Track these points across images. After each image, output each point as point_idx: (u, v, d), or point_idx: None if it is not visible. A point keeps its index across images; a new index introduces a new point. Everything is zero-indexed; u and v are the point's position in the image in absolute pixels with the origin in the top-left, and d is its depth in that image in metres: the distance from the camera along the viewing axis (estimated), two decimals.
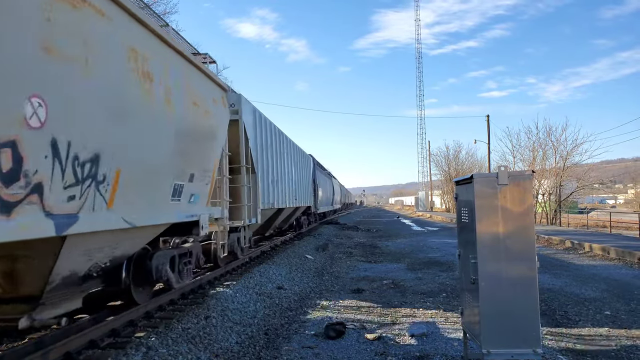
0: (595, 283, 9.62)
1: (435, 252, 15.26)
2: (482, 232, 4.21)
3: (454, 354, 5.29)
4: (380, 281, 10.19)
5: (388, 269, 12.07)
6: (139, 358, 4.67)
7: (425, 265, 12.36)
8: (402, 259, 13.97)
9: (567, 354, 5.38)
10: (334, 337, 6.08)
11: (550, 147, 32.66)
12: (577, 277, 10.39)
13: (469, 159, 57.12)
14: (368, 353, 5.52)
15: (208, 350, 5.37)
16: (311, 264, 12.57)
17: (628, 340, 5.88)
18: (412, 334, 6.09)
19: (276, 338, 6.24)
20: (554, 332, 6.26)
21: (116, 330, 5.42)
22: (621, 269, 11.61)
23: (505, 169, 4.22)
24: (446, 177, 58.07)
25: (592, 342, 5.86)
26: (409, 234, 24.50)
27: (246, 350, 5.68)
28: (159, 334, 5.41)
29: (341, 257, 14.54)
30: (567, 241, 16.95)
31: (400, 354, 5.38)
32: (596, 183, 41.45)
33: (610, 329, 6.38)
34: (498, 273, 4.17)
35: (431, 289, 9.20)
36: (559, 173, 31.39)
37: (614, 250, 13.84)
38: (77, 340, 4.80)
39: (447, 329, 6.35)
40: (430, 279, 10.37)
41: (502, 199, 4.20)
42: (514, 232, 4.18)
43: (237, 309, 7.08)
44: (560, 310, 7.38)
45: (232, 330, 6.20)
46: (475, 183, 4.26)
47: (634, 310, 7.35)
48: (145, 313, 6.25)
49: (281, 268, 10.91)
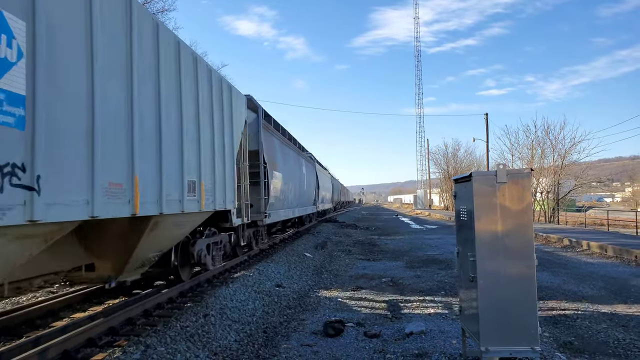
0: (593, 281, 9.65)
1: (433, 250, 15.28)
2: (481, 230, 4.22)
3: (453, 352, 5.30)
4: (379, 279, 10.20)
5: (387, 266, 12.09)
6: (138, 357, 4.67)
7: (424, 263, 12.38)
8: (400, 256, 13.98)
9: (565, 351, 5.40)
10: (333, 334, 6.09)
11: (549, 145, 32.77)
12: (575, 274, 10.42)
13: (467, 157, 57.29)
14: (367, 351, 5.52)
15: (207, 349, 5.37)
16: (310, 262, 12.58)
17: (625, 337, 5.89)
18: (411, 332, 6.10)
19: (275, 336, 6.25)
20: (552, 329, 6.28)
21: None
22: (619, 266, 11.65)
23: (503, 167, 4.22)
24: (445, 175, 58.19)
25: (589, 339, 5.88)
26: (407, 231, 24.53)
27: (245, 349, 5.68)
28: (157, 332, 5.41)
29: (340, 255, 14.55)
30: (565, 239, 16.99)
31: (399, 352, 5.39)
32: (594, 181, 41.51)
33: (608, 326, 6.40)
34: (497, 271, 4.18)
35: (430, 287, 9.21)
36: (557, 171, 31.46)
37: (611, 248, 13.88)
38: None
39: (446, 327, 6.36)
40: (428, 276, 10.39)
41: (501, 197, 4.21)
42: (513, 230, 4.19)
43: (235, 307, 7.08)
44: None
45: (230, 329, 6.21)
46: (474, 181, 4.27)
47: (631, 308, 7.37)
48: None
49: (280, 266, 10.91)
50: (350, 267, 12.24)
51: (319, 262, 12.94)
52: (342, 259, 13.69)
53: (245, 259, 11.64)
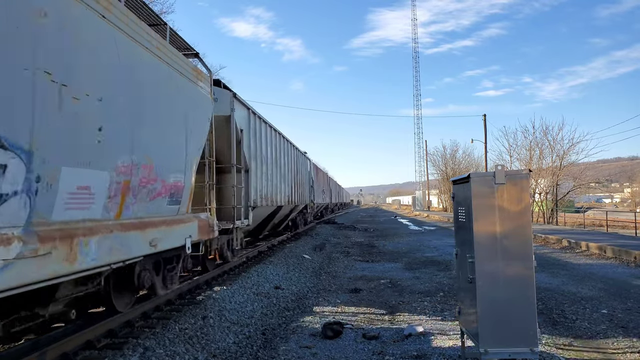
0: (592, 282, 9.64)
1: (432, 252, 15.27)
2: (480, 232, 4.21)
3: (452, 353, 5.29)
4: (377, 280, 10.19)
5: (385, 268, 12.07)
6: (136, 359, 4.65)
7: (423, 265, 12.37)
8: (399, 258, 13.97)
9: (565, 352, 5.39)
10: (332, 336, 6.07)
11: (547, 146, 32.79)
12: (574, 276, 10.42)
13: (465, 158, 57.31)
14: (366, 352, 5.51)
15: (205, 351, 5.35)
16: (308, 264, 12.56)
17: (625, 338, 5.89)
18: (410, 334, 6.08)
19: (274, 338, 6.23)
20: (551, 330, 6.27)
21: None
22: (618, 267, 11.65)
23: (502, 168, 4.22)
24: (443, 176, 58.20)
25: (589, 340, 5.87)
26: (406, 233, 24.52)
27: (244, 351, 5.67)
28: (156, 335, 5.39)
29: (338, 257, 14.54)
30: (563, 240, 16.99)
31: (397, 354, 5.38)
32: (592, 182, 41.61)
33: (607, 327, 6.40)
34: (495, 272, 4.17)
35: (428, 289, 9.21)
36: (556, 172, 31.48)
37: (610, 249, 13.88)
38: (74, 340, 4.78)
39: (445, 328, 6.36)
40: (427, 278, 10.38)
41: (499, 198, 4.20)
42: (511, 231, 4.18)
43: (234, 309, 7.06)
44: (557, 309, 7.39)
45: (229, 330, 6.19)
46: (472, 182, 4.26)
47: (630, 309, 7.37)
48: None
49: (278, 268, 10.90)
50: (349, 268, 12.22)
51: (318, 264, 12.92)
52: (341, 261, 13.68)
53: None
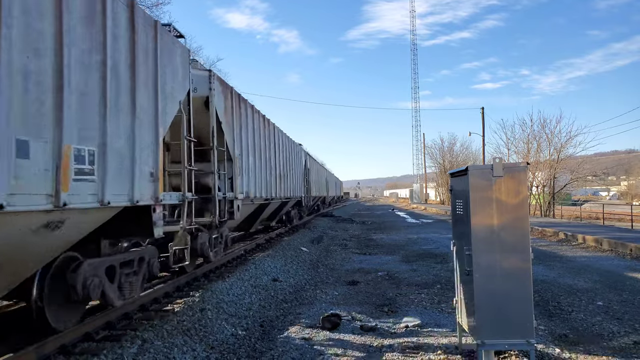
0: (588, 274, 9.70)
1: (429, 244, 15.32)
2: (477, 224, 4.22)
3: (449, 345, 5.32)
4: (375, 273, 10.22)
5: (383, 260, 12.11)
6: (135, 350, 4.67)
7: (420, 257, 12.41)
8: (396, 251, 14.01)
9: (560, 343, 5.43)
10: (330, 328, 6.10)
11: (545, 139, 32.85)
12: (570, 268, 10.48)
13: (463, 151, 57.43)
14: (363, 344, 5.54)
15: (204, 342, 5.37)
16: (306, 256, 12.59)
17: (620, 330, 5.93)
18: (407, 325, 6.12)
19: (272, 330, 6.26)
20: (547, 322, 6.31)
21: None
22: (613, 260, 11.72)
23: (499, 161, 4.22)
24: (441, 169, 58.32)
25: (584, 332, 5.92)
26: (403, 226, 24.58)
27: (242, 342, 5.69)
28: (154, 327, 5.40)
29: (336, 250, 14.57)
30: (560, 233, 17.07)
31: (395, 345, 5.41)
32: (590, 175, 41.74)
33: (603, 319, 6.45)
34: (492, 264, 4.19)
35: (426, 281, 9.24)
36: (553, 165, 31.57)
37: (606, 241, 13.96)
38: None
39: (442, 320, 6.39)
40: (424, 270, 10.42)
41: (497, 191, 4.21)
42: (509, 224, 4.20)
43: (232, 302, 7.08)
44: (553, 301, 7.44)
45: (227, 323, 6.21)
46: (470, 175, 4.27)
47: (625, 301, 7.42)
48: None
49: (276, 260, 10.92)
50: (347, 261, 12.26)
51: (315, 257, 12.96)
52: (339, 253, 13.71)
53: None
